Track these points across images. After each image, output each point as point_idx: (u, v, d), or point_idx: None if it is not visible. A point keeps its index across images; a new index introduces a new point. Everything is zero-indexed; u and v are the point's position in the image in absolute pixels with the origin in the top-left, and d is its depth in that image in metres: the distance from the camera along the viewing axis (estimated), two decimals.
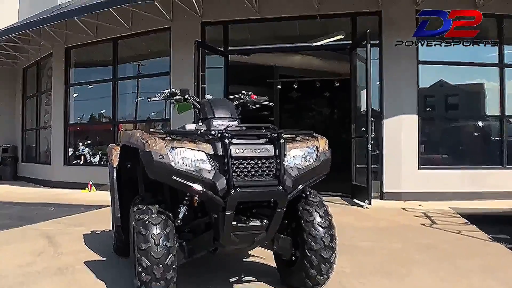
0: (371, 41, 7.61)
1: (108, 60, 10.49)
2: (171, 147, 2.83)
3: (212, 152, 2.87)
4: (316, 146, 3.13)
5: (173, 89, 3.54)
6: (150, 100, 3.68)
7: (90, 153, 11.35)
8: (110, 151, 4.26)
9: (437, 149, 8.58)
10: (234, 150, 2.83)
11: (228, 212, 2.77)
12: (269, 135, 2.97)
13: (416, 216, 6.48)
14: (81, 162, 11.21)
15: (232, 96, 3.78)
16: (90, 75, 11.44)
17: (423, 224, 5.93)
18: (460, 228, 5.62)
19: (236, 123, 3.21)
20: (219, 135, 2.87)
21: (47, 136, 12.22)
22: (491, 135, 8.73)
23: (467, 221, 6.03)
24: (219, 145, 2.86)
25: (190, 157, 2.84)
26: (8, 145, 13.72)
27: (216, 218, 2.86)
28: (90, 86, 11.31)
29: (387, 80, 8.18)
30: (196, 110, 3.45)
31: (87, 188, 9.97)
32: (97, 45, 10.62)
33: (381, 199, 7.98)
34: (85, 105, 11.60)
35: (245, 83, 9.80)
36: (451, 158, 8.52)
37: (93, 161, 11.20)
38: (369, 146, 7.25)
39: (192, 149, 2.86)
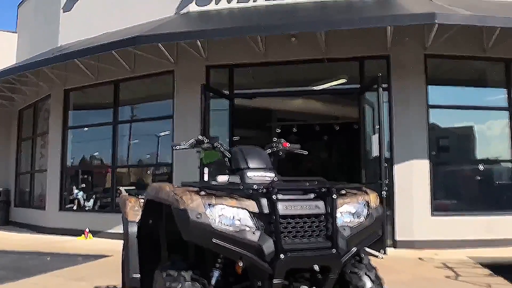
0: (375, 85, 7.51)
1: (109, 103, 10.26)
2: (209, 204, 2.49)
3: (256, 210, 2.52)
4: (367, 201, 2.83)
5: (199, 137, 3.28)
6: (176, 148, 3.41)
7: (84, 197, 10.98)
8: (124, 203, 3.94)
9: (449, 195, 8.33)
10: (282, 207, 2.50)
11: (276, 281, 2.42)
12: (318, 189, 2.66)
13: (437, 267, 6.17)
14: (74, 207, 10.81)
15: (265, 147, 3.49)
16: (89, 117, 11.17)
17: (448, 277, 5.62)
18: (487, 280, 5.33)
19: (272, 174, 2.94)
20: (264, 190, 2.54)
21: (42, 180, 11.83)
22: (503, 179, 8.53)
23: (492, 272, 5.74)
24: (264, 201, 2.52)
25: (231, 216, 2.50)
26: (1, 188, 13.27)
27: (260, 287, 2.50)
28: (85, 129, 11.07)
29: (397, 125, 8.01)
30: (226, 160, 3.18)
31: (83, 235, 9.54)
32: (97, 87, 10.40)
33: (394, 247, 7.67)
34: (82, 147, 11.30)
35: (243, 125, 9.75)
36: (464, 204, 8.27)
37: (86, 205, 10.81)
38: (383, 193, 6.99)
39: (233, 207, 2.52)
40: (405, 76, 8.11)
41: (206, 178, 7.65)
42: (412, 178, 7.92)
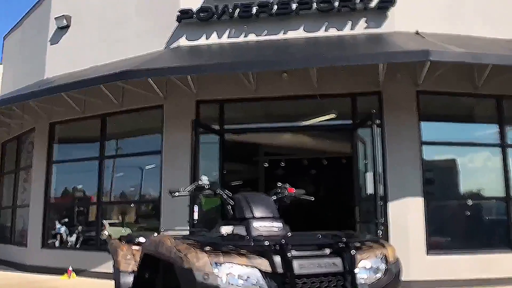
0: (369, 121, 7.45)
1: (95, 136, 10.02)
2: (217, 262, 2.28)
3: (268, 269, 2.31)
4: (385, 256, 2.66)
5: (200, 182, 3.10)
6: (174, 195, 3.22)
7: (67, 232, 10.61)
8: (115, 251, 3.72)
9: (444, 233, 8.20)
10: (297, 266, 2.30)
11: None
12: (334, 244, 2.48)
13: None
14: (56, 243, 10.43)
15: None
16: (75, 151, 10.91)
17: None
18: None
19: (280, 224, 2.75)
20: (277, 246, 2.35)
21: (24, 216, 11.43)
22: (497, 216, 8.44)
23: None
24: (278, 259, 2.32)
25: (240, 275, 2.28)
26: None
27: None
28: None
29: (390, 161, 7.92)
30: (229, 207, 2.99)
31: (66, 274, 9.16)
32: (84, 121, 10.17)
33: None
34: (67, 181, 10.97)
35: (232, 159, 9.59)
36: (459, 242, 8.13)
37: (69, 241, 10.44)
38: (380, 232, 6.83)
39: (243, 265, 2.31)
40: (398, 113, 8.07)
41: (196, 216, 7.45)
42: (407, 216, 7.78)
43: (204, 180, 3.33)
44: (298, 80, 8.33)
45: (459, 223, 8.34)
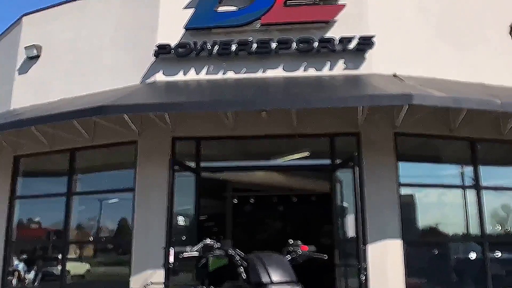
0: (351, 163, 7.43)
1: (63, 172, 9.58)
2: None
3: None
4: None
5: (209, 241, 2.87)
6: (183, 256, 2.99)
7: (25, 269, 10.05)
8: None
9: (423, 275, 8.16)
10: None
11: None
12: None
13: None
14: (14, 280, 9.82)
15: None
16: (41, 186, 10.38)
17: None
18: None
19: None
20: None
21: None
22: (473, 257, 8.47)
23: None
24: None
25: None
26: None
27: None
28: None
29: (369, 203, 7.84)
30: (241, 270, 2.77)
31: None
32: (51, 155, 9.74)
33: None
34: (30, 216, 10.42)
35: (206, 195, 9.35)
36: (438, 283, 8.12)
37: (27, 278, 9.86)
38: (362, 277, 6.71)
39: None
40: (376, 154, 8.09)
41: (171, 259, 7.15)
42: (387, 259, 7.72)
43: (180, 220, 3.12)
44: (277, 119, 8.25)
45: (436, 265, 8.33)
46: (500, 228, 8.95)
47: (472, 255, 8.45)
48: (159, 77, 8.85)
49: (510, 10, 9.30)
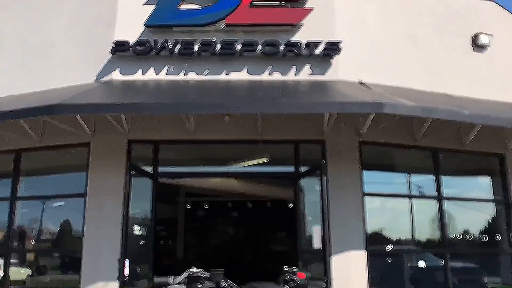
0: (318, 171, 7.22)
1: (7, 174, 8.83)
2: None
3: None
4: None
5: (194, 270, 2.51)
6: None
7: None
8: None
9: (386, 285, 8.04)
10: None
11: None
12: None
13: None
14: None
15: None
16: None
17: None
18: None
19: None
20: None
21: None
22: (436, 267, 8.45)
23: None
24: None
25: None
26: None
27: None
28: None
29: (333, 213, 7.64)
30: None
31: None
32: None
33: None
34: None
35: (163, 200, 8.90)
36: None
37: None
38: None
39: None
40: (341, 162, 7.93)
41: (126, 272, 6.68)
42: (350, 270, 7.55)
43: (137, 230, 2.75)
44: (241, 124, 7.97)
45: (399, 276, 8.27)
46: (461, 237, 8.99)
47: (435, 264, 8.42)
48: (116, 75, 8.33)
49: (473, 22, 9.42)
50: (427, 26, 9.12)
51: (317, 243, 6.99)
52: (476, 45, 9.27)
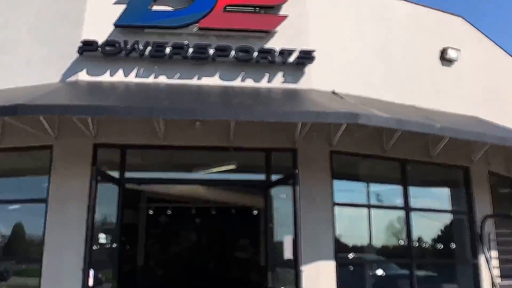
0: (290, 180, 7.13)
1: None
2: None
3: None
4: None
5: None
6: None
7: None
8: None
9: None
10: None
11: None
12: None
13: None
14: None
15: None
16: None
17: None
18: None
19: None
20: None
21: None
22: (403, 276, 8.51)
23: None
24: None
25: None
26: None
27: None
28: None
29: (303, 223, 7.43)
30: None
31: None
32: None
33: None
34: None
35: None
36: None
37: None
38: None
39: None
40: (312, 171, 7.86)
41: (91, 283, 6.39)
42: (319, 280, 7.49)
43: (102, 238, 2.56)
44: (212, 130, 7.81)
45: (363, 282, 8.28)
46: (424, 246, 9.12)
47: (403, 275, 8.50)
48: (82, 76, 8.01)
49: (442, 36, 9.61)
50: (398, 39, 9.25)
51: (288, 254, 6.89)
52: (444, 59, 9.45)
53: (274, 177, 7.96)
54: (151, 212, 13.64)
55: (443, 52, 9.45)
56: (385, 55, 9.03)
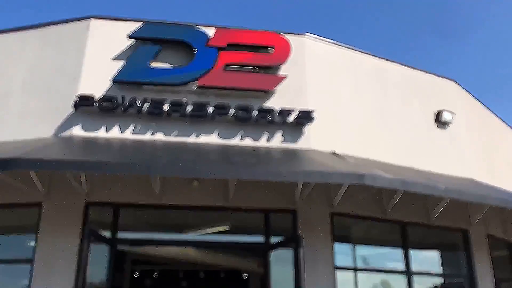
0: (293, 243, 6.85)
1: None
2: None
3: None
4: None
5: None
6: None
7: None
8: None
9: None
10: None
11: None
12: None
13: None
14: None
15: None
16: None
17: None
18: None
19: None
20: None
21: None
22: None
23: None
24: None
25: None
26: None
27: None
28: None
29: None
30: None
31: None
32: None
33: None
34: None
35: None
36: None
37: None
38: None
39: None
40: (312, 233, 7.62)
41: None
42: None
43: None
44: (210, 190, 7.58)
45: None
46: None
47: None
48: (77, 131, 7.78)
49: (436, 98, 9.73)
50: (395, 100, 9.32)
51: None
52: (440, 121, 9.51)
53: (274, 240, 7.66)
54: (136, 275, 13.04)
55: (438, 115, 9.53)
56: (383, 116, 9.05)
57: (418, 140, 9.25)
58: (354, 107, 8.87)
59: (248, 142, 8.08)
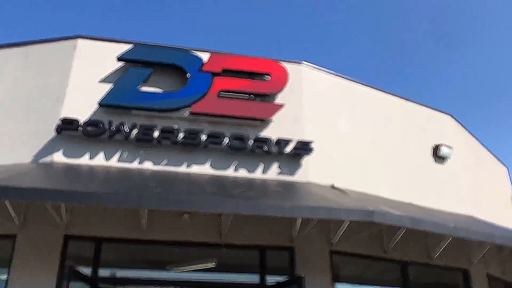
0: (294, 285, 6.31)
1: None
2: None
3: None
4: None
5: None
6: None
7: None
8: None
9: None
10: None
11: None
12: None
13: None
14: None
15: None
16: None
17: None
18: None
19: None
20: None
21: None
22: None
23: None
24: None
25: None
26: None
27: None
28: None
29: None
30: None
31: None
32: None
33: None
34: None
35: None
36: None
37: None
38: None
39: None
40: (312, 273, 7.06)
41: None
42: None
43: None
44: (201, 225, 7.02)
45: None
46: None
47: None
48: (58, 157, 7.18)
49: (433, 134, 9.46)
50: (393, 134, 9.03)
51: None
52: (437, 156, 9.23)
53: (269, 279, 7.09)
54: None
55: (436, 149, 9.25)
56: (381, 149, 8.74)
57: (417, 174, 8.95)
58: (352, 139, 8.52)
59: (242, 173, 7.60)
